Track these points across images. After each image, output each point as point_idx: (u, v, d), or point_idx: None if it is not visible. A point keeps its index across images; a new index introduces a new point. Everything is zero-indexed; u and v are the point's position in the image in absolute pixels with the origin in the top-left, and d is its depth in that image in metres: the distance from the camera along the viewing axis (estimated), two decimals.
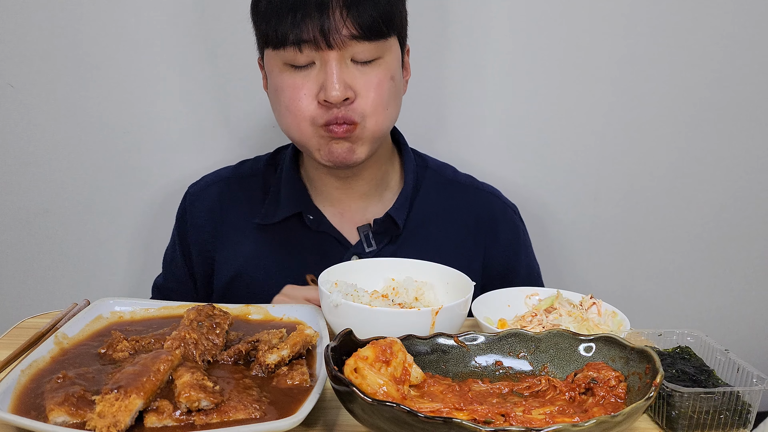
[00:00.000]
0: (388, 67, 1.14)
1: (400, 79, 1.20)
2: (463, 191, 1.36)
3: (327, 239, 1.26)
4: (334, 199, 1.28)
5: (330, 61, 1.09)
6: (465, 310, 0.97)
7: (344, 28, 1.08)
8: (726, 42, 1.67)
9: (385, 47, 1.13)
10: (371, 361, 0.74)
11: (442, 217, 1.31)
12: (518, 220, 1.40)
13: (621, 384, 0.76)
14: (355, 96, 1.11)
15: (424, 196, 1.31)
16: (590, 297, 1.05)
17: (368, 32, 1.09)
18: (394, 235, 1.26)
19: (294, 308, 1.03)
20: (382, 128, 1.17)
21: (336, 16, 1.07)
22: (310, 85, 1.11)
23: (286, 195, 1.27)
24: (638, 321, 1.05)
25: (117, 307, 1.01)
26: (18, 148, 1.57)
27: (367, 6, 1.09)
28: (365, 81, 1.12)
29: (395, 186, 1.32)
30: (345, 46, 1.09)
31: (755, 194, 1.78)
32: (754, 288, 1.85)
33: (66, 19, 1.51)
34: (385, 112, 1.16)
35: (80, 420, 0.71)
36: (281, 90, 1.14)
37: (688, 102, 1.70)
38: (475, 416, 0.70)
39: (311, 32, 1.07)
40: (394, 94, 1.17)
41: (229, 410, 0.74)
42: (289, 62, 1.12)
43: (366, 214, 1.29)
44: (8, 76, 1.53)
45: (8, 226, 1.62)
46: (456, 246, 1.15)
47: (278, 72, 1.14)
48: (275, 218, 1.26)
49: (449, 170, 1.39)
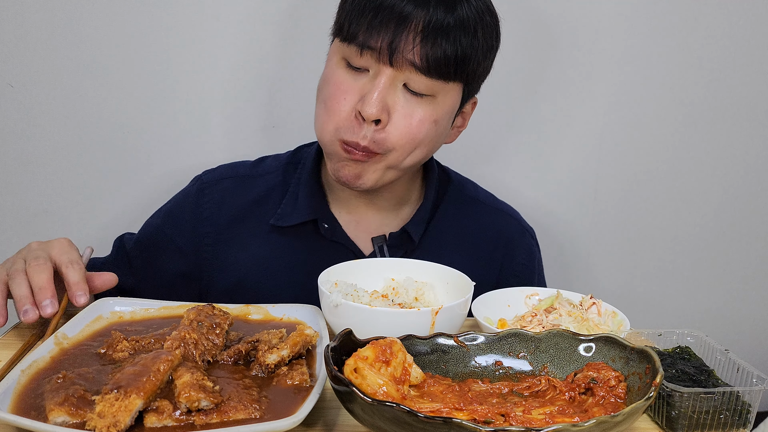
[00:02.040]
0: (436, 109, 1.10)
1: (445, 125, 1.15)
2: (483, 210, 1.34)
3: (340, 248, 1.24)
4: (351, 207, 1.26)
5: (382, 76, 1.06)
6: (465, 310, 0.97)
7: (410, 53, 1.04)
8: (725, 42, 1.67)
9: (443, 89, 1.09)
10: (371, 361, 0.74)
11: (458, 235, 1.30)
12: (535, 246, 1.39)
13: (621, 384, 0.76)
14: (388, 120, 1.08)
15: (443, 212, 1.30)
16: (590, 297, 1.05)
17: (432, 67, 1.05)
18: (409, 249, 1.25)
19: (294, 308, 1.03)
20: (402, 164, 1.13)
21: (409, 37, 1.04)
22: (354, 92, 1.09)
23: (304, 198, 1.24)
24: (638, 321, 1.05)
25: (117, 307, 1.01)
26: (18, 148, 1.57)
27: (443, 42, 1.04)
28: (406, 111, 1.08)
29: (415, 200, 1.30)
30: (403, 69, 1.05)
31: (755, 194, 1.78)
32: (754, 288, 1.85)
33: (66, 19, 1.51)
34: (411, 151, 1.12)
35: (80, 420, 0.71)
36: (328, 82, 1.12)
37: (688, 102, 1.70)
38: (475, 416, 0.70)
39: (379, 42, 1.04)
40: (429, 138, 1.12)
41: (229, 410, 0.74)
42: (347, 58, 1.09)
43: (382, 226, 1.27)
44: (8, 76, 1.53)
45: (8, 226, 1.62)
46: (469, 265, 1.11)
47: (335, 63, 1.12)
48: (290, 221, 1.23)
49: (470, 186, 1.38)
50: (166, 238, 1.29)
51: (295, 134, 1.62)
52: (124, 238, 1.35)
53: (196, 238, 1.28)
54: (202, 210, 1.28)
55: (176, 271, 1.29)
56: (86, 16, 1.51)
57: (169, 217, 1.31)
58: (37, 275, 0.98)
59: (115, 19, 1.52)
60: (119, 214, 1.63)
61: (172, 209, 1.32)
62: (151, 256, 1.30)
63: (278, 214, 1.25)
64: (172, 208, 1.32)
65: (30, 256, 1.02)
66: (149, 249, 1.31)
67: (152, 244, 1.31)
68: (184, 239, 1.29)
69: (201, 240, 1.28)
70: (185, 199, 1.31)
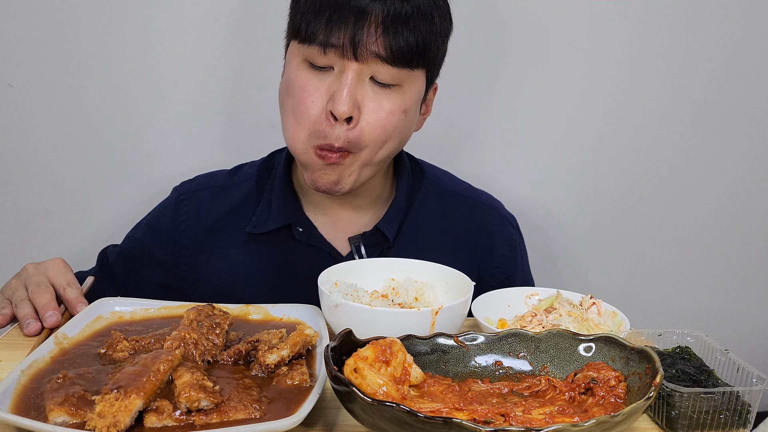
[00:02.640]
0: (404, 99, 1.10)
1: (414, 114, 1.15)
2: (460, 203, 1.33)
3: (317, 251, 1.23)
4: (326, 209, 1.26)
5: (348, 71, 1.06)
6: (465, 310, 0.97)
7: (374, 45, 1.04)
8: (725, 42, 1.67)
9: (408, 77, 1.10)
10: (371, 361, 0.74)
11: (436, 229, 1.29)
12: (515, 234, 1.37)
13: (621, 384, 0.75)
14: (359, 117, 1.08)
15: (418, 207, 1.29)
16: (590, 297, 1.05)
17: (396, 56, 1.05)
18: (385, 247, 1.24)
19: (294, 308, 1.03)
20: (375, 159, 1.13)
21: (371, 29, 1.04)
22: (321, 93, 1.08)
23: (278, 204, 1.24)
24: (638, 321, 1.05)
25: (117, 307, 1.01)
26: (18, 148, 1.57)
27: (405, 31, 1.05)
28: (375, 104, 1.08)
29: (389, 197, 1.29)
30: (368, 62, 1.05)
31: (755, 194, 1.78)
32: (754, 288, 1.85)
33: (66, 19, 1.51)
34: (383, 144, 1.12)
35: (80, 420, 0.71)
36: (292, 88, 1.11)
37: (687, 102, 1.70)
38: (475, 416, 0.70)
39: (341, 38, 1.04)
40: (400, 129, 1.12)
41: (229, 410, 0.74)
42: (309, 59, 1.08)
43: (358, 225, 1.27)
44: (8, 76, 1.53)
45: (8, 226, 1.62)
46: (449, 259, 1.13)
47: (296, 66, 1.11)
48: (265, 228, 1.23)
49: (446, 179, 1.36)
50: (147, 251, 1.30)
51: None
52: (107, 251, 1.35)
53: (176, 250, 1.28)
54: (180, 222, 1.29)
55: (159, 282, 1.30)
56: (86, 16, 1.51)
57: (149, 229, 1.31)
58: (40, 297, 1.03)
59: (114, 20, 1.52)
60: (119, 214, 1.63)
61: (151, 222, 1.32)
62: (133, 269, 1.31)
63: (253, 221, 1.25)
64: (151, 220, 1.33)
65: (30, 281, 1.06)
66: (131, 262, 1.31)
67: (134, 257, 1.31)
68: (165, 251, 1.29)
69: (180, 251, 1.28)
70: (163, 212, 1.32)
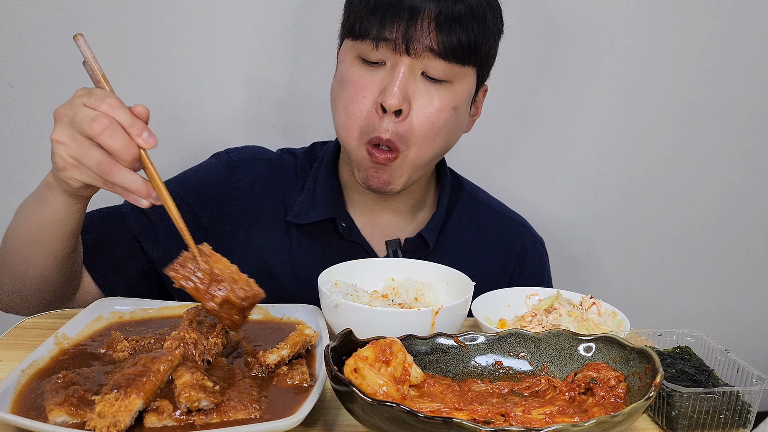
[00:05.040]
0: (455, 96, 1.11)
1: (464, 113, 1.16)
2: (495, 218, 1.35)
3: (356, 248, 1.24)
4: (366, 209, 1.26)
5: (400, 66, 1.07)
6: (465, 310, 0.97)
7: (426, 39, 1.05)
8: (725, 42, 1.67)
9: (459, 74, 1.10)
10: (371, 361, 0.74)
11: (471, 242, 1.30)
12: (545, 255, 1.40)
13: (621, 384, 0.76)
14: (409, 111, 1.08)
15: (457, 219, 1.31)
16: (590, 297, 1.05)
17: (448, 51, 1.06)
18: (424, 254, 1.25)
19: (294, 308, 1.03)
20: (425, 159, 1.13)
21: (423, 25, 1.05)
22: (373, 88, 1.09)
23: (322, 196, 1.23)
24: (638, 321, 1.05)
25: (117, 307, 1.01)
26: (18, 148, 1.57)
27: (457, 28, 1.06)
28: (426, 100, 1.09)
29: (430, 205, 1.31)
30: (420, 57, 1.06)
31: (755, 194, 1.78)
32: (754, 288, 1.85)
33: (66, 19, 1.50)
34: (432, 142, 1.12)
35: (80, 420, 0.71)
36: (345, 84, 1.12)
37: (688, 102, 1.70)
38: (475, 416, 0.70)
39: (394, 32, 1.05)
40: (449, 126, 1.13)
41: (229, 410, 0.74)
42: (361, 55, 1.10)
43: (396, 230, 1.27)
44: (8, 76, 1.53)
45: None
46: (481, 272, 1.14)
47: (349, 63, 1.12)
48: (308, 219, 1.22)
49: (482, 194, 1.39)
50: (188, 210, 1.19)
51: (296, 134, 1.63)
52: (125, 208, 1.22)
53: (220, 216, 1.23)
54: (233, 189, 1.25)
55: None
56: (86, 16, 1.51)
57: (191, 189, 1.23)
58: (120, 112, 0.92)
59: (116, 20, 1.52)
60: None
61: (193, 181, 1.24)
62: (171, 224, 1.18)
63: (294, 210, 1.23)
64: (193, 179, 1.24)
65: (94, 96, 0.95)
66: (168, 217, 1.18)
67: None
68: (207, 215, 1.22)
69: (224, 219, 1.23)
70: (210, 174, 1.25)
